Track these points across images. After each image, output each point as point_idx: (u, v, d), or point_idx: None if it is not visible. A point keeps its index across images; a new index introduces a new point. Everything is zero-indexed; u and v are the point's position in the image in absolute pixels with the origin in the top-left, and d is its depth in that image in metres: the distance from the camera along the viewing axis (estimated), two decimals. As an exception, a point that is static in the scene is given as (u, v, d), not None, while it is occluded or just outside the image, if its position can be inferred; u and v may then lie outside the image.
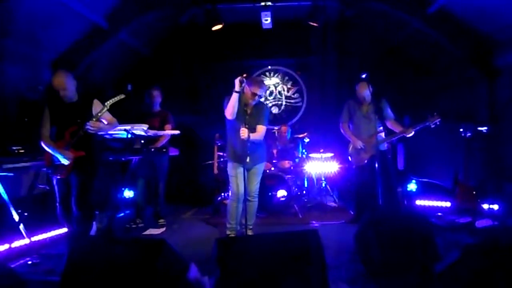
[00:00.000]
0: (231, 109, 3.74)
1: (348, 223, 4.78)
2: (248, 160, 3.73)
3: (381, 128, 4.45)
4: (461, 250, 2.33)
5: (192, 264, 2.42)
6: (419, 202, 5.11)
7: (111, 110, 3.55)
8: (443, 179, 5.27)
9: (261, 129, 3.91)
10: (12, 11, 3.92)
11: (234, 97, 3.68)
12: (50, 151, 3.36)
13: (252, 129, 3.86)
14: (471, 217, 4.29)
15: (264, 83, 3.99)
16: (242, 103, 3.90)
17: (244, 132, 3.66)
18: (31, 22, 4.19)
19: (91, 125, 3.34)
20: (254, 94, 3.82)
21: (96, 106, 3.51)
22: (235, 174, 3.94)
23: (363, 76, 4.09)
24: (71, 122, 3.37)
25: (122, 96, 3.54)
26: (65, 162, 3.33)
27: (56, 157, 3.36)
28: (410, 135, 4.33)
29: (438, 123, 4.23)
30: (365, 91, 4.45)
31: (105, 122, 3.54)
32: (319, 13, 5.43)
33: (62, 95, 3.40)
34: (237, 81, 3.65)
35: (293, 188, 5.70)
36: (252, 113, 3.91)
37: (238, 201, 3.93)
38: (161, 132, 4.51)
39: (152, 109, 4.84)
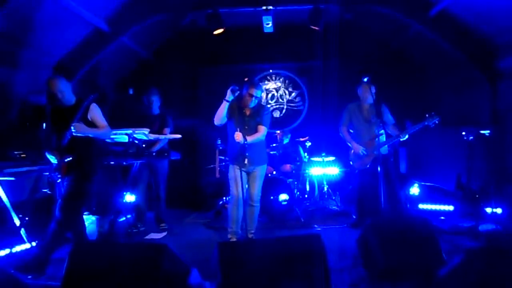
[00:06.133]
0: (219, 116, 3.80)
1: (350, 227, 4.76)
2: (246, 161, 3.72)
3: (382, 131, 4.44)
4: (464, 254, 2.31)
5: (193, 268, 2.41)
6: (422, 206, 5.07)
7: (111, 113, 3.54)
8: (446, 182, 5.25)
9: (262, 130, 3.91)
10: (15, 17, 3.93)
11: (223, 106, 3.75)
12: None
13: (252, 131, 3.86)
14: (474, 221, 4.26)
15: (259, 84, 3.99)
16: (240, 106, 3.91)
17: (238, 136, 3.67)
18: (32, 26, 4.20)
19: (75, 127, 3.29)
20: (251, 95, 3.84)
21: (93, 110, 3.49)
22: (235, 177, 3.91)
23: (365, 79, 4.11)
24: (65, 125, 3.34)
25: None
26: (54, 161, 3.37)
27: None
28: (404, 138, 4.30)
29: (437, 122, 4.19)
30: (367, 94, 4.44)
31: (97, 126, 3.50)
32: (320, 17, 5.43)
33: (58, 99, 3.43)
34: (229, 91, 3.69)
35: (295, 192, 5.68)
36: (251, 114, 3.93)
37: (238, 204, 3.90)
38: (163, 136, 4.49)
39: (152, 112, 4.82)
